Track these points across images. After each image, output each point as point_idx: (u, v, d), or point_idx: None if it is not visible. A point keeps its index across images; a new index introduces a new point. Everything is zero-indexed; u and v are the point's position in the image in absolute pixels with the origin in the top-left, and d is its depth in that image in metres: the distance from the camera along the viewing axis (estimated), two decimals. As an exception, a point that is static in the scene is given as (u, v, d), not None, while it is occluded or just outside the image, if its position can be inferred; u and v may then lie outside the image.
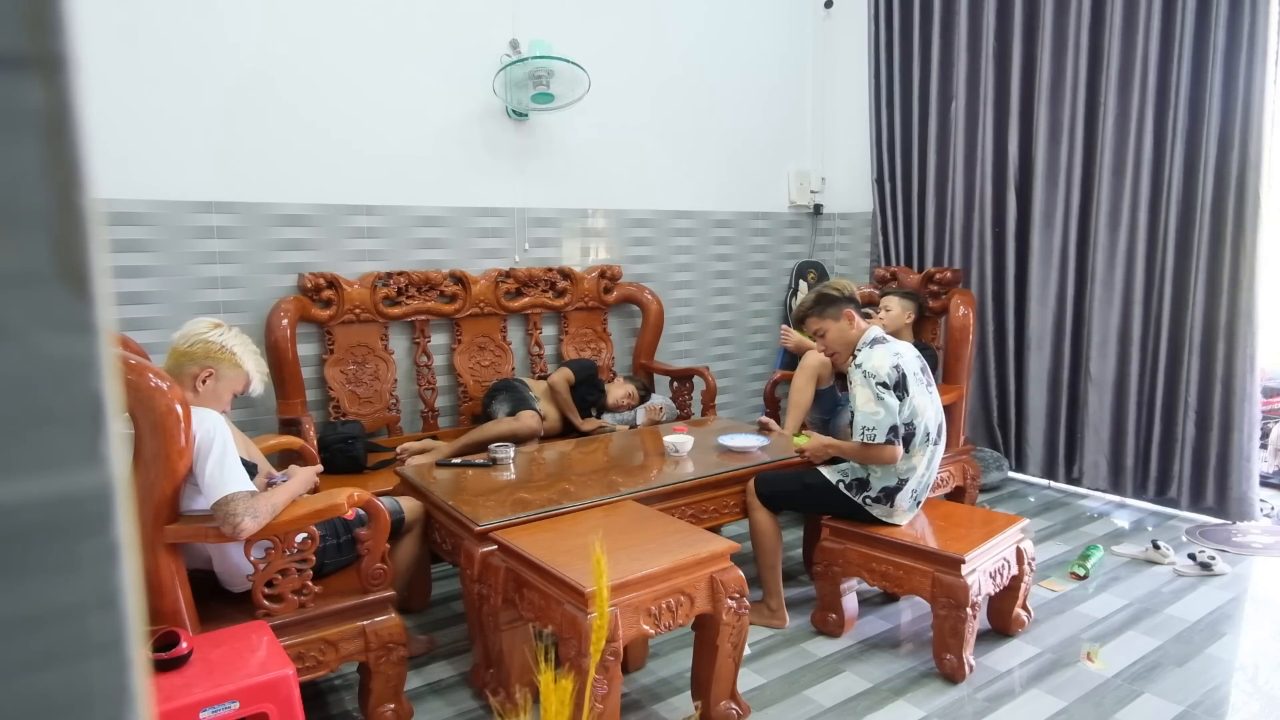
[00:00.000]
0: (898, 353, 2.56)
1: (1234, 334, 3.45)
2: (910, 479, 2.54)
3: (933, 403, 2.59)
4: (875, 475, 2.55)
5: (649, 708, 2.26)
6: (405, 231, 3.56)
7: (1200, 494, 3.62)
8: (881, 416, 2.46)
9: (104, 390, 0.27)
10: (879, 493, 2.55)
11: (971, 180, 4.27)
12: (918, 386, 2.54)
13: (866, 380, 2.50)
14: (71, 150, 0.26)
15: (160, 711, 1.51)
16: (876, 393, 2.47)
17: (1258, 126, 3.30)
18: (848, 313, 2.63)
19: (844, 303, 2.64)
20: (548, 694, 1.33)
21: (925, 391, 2.57)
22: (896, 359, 2.53)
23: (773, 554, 2.69)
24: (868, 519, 2.58)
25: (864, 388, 2.50)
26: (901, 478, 2.53)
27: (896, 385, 2.49)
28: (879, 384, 2.48)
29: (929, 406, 2.56)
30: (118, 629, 0.27)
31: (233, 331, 2.09)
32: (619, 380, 3.78)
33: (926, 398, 2.56)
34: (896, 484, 2.54)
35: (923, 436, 2.53)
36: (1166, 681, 2.34)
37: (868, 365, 2.51)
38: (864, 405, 2.49)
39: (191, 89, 3.03)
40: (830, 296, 2.65)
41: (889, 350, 2.56)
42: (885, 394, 2.47)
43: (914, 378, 2.54)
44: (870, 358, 2.53)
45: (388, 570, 2.09)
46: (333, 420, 3.29)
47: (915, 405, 2.51)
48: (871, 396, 2.48)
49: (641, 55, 4.17)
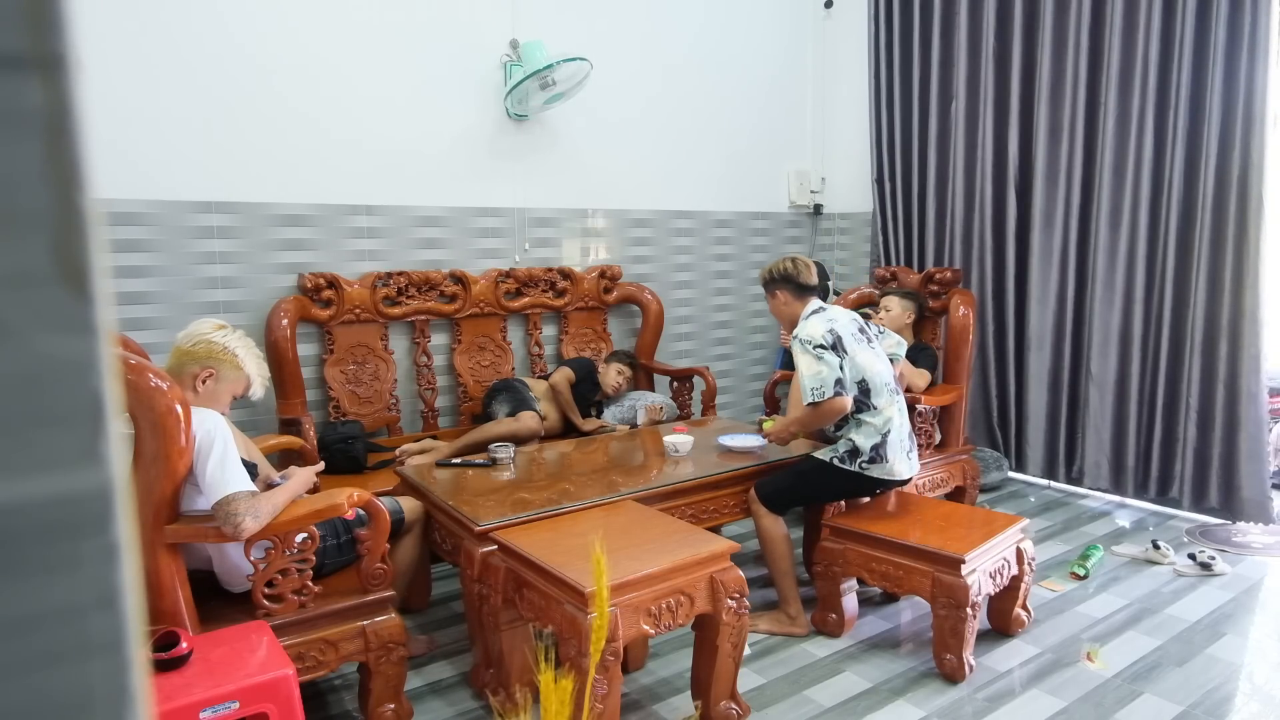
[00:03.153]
0: (832, 318, 2.68)
1: (1237, 333, 3.44)
2: (891, 430, 2.64)
3: (879, 359, 2.70)
4: (860, 438, 2.62)
5: (649, 708, 2.26)
6: (405, 231, 3.56)
7: (1203, 494, 3.61)
8: (825, 374, 2.56)
9: (104, 390, 0.27)
10: (870, 453, 2.62)
11: (971, 180, 4.27)
12: (856, 344, 2.66)
13: (804, 347, 2.61)
14: (71, 150, 0.26)
15: (160, 711, 1.51)
16: (816, 355, 2.58)
17: (1259, 125, 3.30)
18: (777, 293, 2.78)
19: (774, 284, 2.79)
20: (548, 694, 1.33)
21: (868, 349, 2.70)
22: (830, 323, 2.65)
23: (784, 559, 2.65)
24: (871, 487, 2.66)
25: (804, 354, 2.61)
26: (883, 432, 2.63)
27: (834, 346, 2.60)
28: (816, 346, 2.59)
29: (875, 362, 2.68)
30: (118, 629, 0.27)
31: (236, 334, 2.10)
32: (602, 367, 3.75)
33: (870, 354, 2.68)
34: (881, 440, 2.63)
35: (883, 388, 2.65)
36: (1166, 681, 2.34)
37: (803, 334, 2.64)
38: (807, 369, 2.59)
39: (191, 89, 3.03)
40: (765, 279, 2.82)
41: (823, 317, 2.68)
42: (824, 354, 2.58)
43: (851, 337, 2.66)
44: (805, 327, 2.66)
45: (388, 570, 2.09)
46: (333, 420, 3.29)
47: (859, 362, 2.63)
48: (812, 359, 2.59)
49: (641, 55, 4.17)
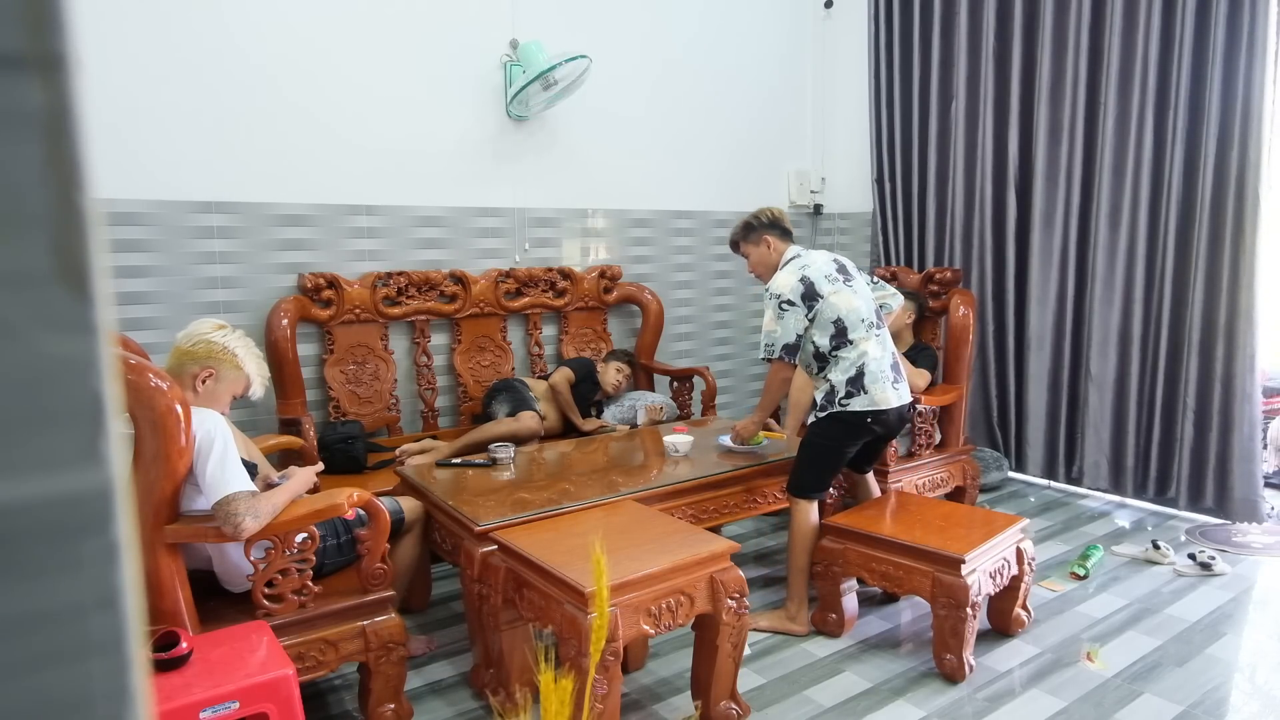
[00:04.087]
0: (805, 265, 2.65)
1: (1233, 333, 3.45)
2: (868, 362, 2.61)
3: (856, 295, 2.66)
4: (836, 375, 2.62)
5: (649, 708, 2.26)
6: (405, 231, 3.56)
7: (1199, 494, 3.62)
8: (778, 334, 2.59)
9: (104, 390, 0.27)
10: (846, 388, 2.60)
11: (971, 180, 4.27)
12: (831, 285, 2.62)
13: (770, 301, 2.63)
14: (71, 150, 0.26)
15: (160, 711, 1.51)
16: (778, 312, 2.60)
17: (1257, 126, 3.30)
18: (766, 239, 2.75)
19: (763, 229, 2.76)
20: (548, 694, 1.33)
21: (845, 287, 2.66)
22: (803, 271, 2.63)
23: (800, 555, 2.64)
24: (865, 426, 2.62)
25: (768, 309, 2.64)
26: (858, 365, 2.61)
27: (805, 296, 2.59)
28: (784, 302, 2.59)
29: (852, 299, 2.64)
30: (118, 629, 0.27)
31: (236, 334, 2.10)
32: (602, 366, 3.75)
33: (848, 293, 2.64)
34: (857, 373, 2.60)
35: (859, 324, 2.62)
36: (1166, 681, 2.34)
37: (773, 288, 2.64)
38: (766, 324, 2.64)
39: (192, 89, 3.03)
40: (750, 225, 2.78)
41: (796, 265, 2.66)
42: (787, 311, 2.59)
43: (826, 279, 2.63)
44: (776, 280, 2.66)
45: (388, 570, 2.09)
46: (333, 420, 3.29)
47: (834, 303, 2.61)
48: (773, 316, 2.61)
49: (641, 55, 4.17)
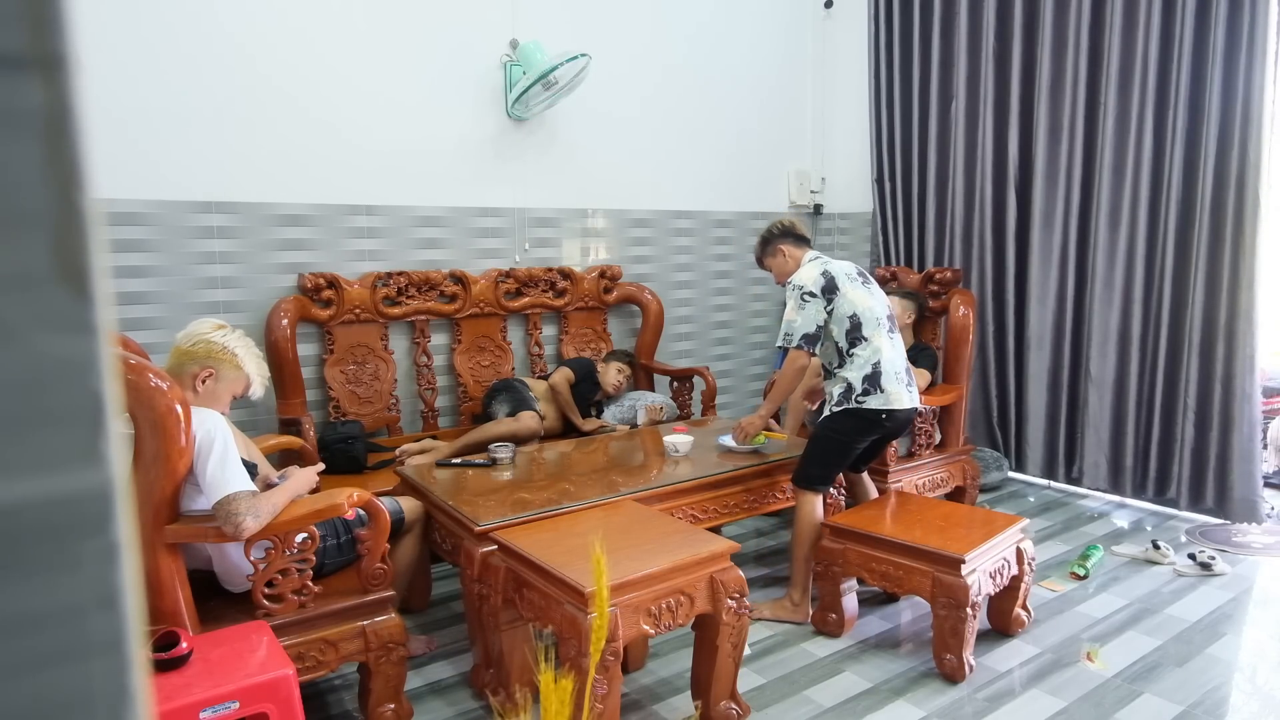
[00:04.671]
0: (827, 262, 2.76)
1: (1233, 334, 3.45)
2: (883, 360, 2.68)
3: (873, 297, 2.76)
4: (851, 373, 2.68)
5: (649, 708, 2.26)
6: (405, 231, 3.56)
7: (1199, 494, 3.62)
8: (798, 323, 2.66)
9: (104, 390, 0.27)
10: (863, 385, 2.66)
11: (971, 180, 4.27)
12: (850, 284, 2.72)
13: (793, 292, 2.71)
14: (71, 150, 0.26)
15: (160, 711, 1.51)
16: (799, 303, 2.67)
17: (1257, 126, 3.30)
18: (780, 248, 2.86)
19: (776, 239, 2.88)
20: (548, 694, 1.33)
21: (863, 288, 2.76)
22: (825, 265, 2.73)
23: (804, 545, 2.70)
24: (878, 423, 2.67)
25: (790, 299, 2.71)
26: (873, 362, 2.67)
27: (825, 289, 2.67)
28: (805, 293, 2.67)
29: (868, 298, 2.74)
30: (118, 629, 0.27)
31: (236, 334, 2.10)
32: (602, 366, 3.75)
33: (864, 292, 2.75)
34: (873, 371, 2.67)
35: (873, 321, 2.70)
36: (1166, 681, 2.34)
37: (796, 280, 2.73)
38: (787, 315, 2.71)
39: (192, 89, 3.03)
40: (764, 238, 2.91)
41: (819, 263, 2.76)
42: (808, 302, 2.66)
43: (845, 277, 2.72)
44: (799, 274, 2.75)
45: (388, 570, 2.09)
46: (333, 420, 3.29)
47: (852, 299, 2.69)
48: (795, 306, 2.69)
49: (641, 55, 4.17)
